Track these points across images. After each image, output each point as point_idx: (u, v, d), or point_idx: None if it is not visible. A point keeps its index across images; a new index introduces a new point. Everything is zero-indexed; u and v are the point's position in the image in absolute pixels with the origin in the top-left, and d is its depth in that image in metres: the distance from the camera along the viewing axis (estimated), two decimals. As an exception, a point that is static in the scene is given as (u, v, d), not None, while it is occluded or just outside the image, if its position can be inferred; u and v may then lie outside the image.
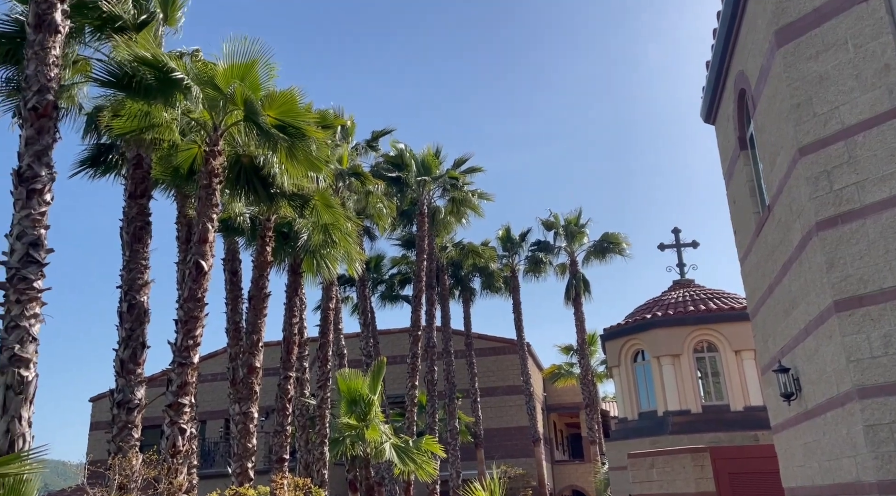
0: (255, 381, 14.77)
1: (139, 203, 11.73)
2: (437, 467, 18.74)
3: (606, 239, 31.15)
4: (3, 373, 8.07)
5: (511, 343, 32.33)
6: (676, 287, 17.61)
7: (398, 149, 26.44)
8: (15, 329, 8.20)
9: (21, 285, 8.32)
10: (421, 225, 25.82)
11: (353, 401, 16.83)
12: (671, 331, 15.75)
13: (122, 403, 10.58)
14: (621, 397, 17.16)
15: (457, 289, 31.99)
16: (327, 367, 19.72)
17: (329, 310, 20.80)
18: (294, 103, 11.73)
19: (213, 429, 31.09)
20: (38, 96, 8.89)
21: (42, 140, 8.85)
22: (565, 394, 36.28)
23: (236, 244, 17.32)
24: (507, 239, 32.32)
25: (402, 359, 28.27)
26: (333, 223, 15.64)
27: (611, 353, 17.28)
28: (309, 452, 18.64)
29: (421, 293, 25.45)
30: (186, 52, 12.72)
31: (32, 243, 8.47)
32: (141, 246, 11.50)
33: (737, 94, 8.39)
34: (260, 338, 15.22)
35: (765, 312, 8.15)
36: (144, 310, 11.23)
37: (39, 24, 9.08)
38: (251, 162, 13.09)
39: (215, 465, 28.02)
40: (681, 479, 11.95)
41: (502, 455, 29.86)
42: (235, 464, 13.91)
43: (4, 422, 7.95)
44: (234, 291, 17.09)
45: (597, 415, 30.14)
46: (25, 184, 8.65)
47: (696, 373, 15.71)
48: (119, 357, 10.94)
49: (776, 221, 7.17)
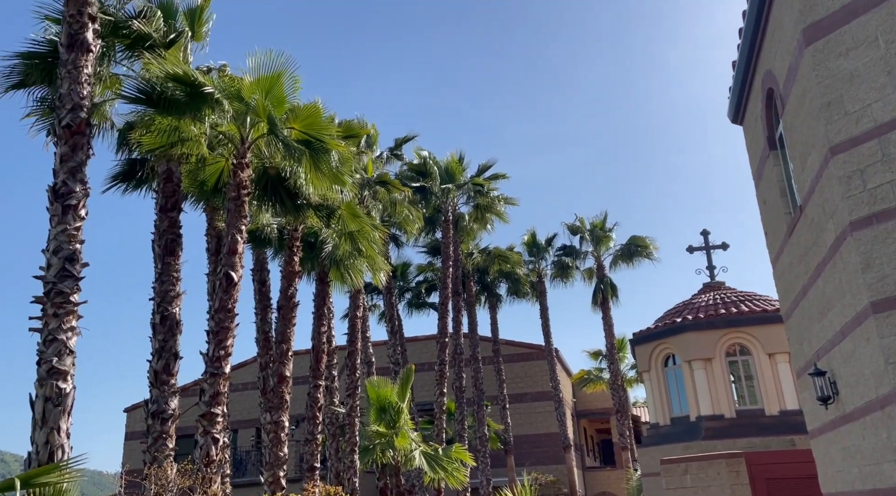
0: (286, 390, 14.89)
1: (170, 216, 11.94)
2: (467, 474, 18.67)
3: (634, 242, 30.86)
4: (42, 385, 8.26)
5: (539, 348, 32.14)
6: (706, 290, 17.36)
7: (421, 156, 26.52)
8: (53, 342, 8.39)
9: (58, 299, 8.52)
10: (446, 232, 25.85)
11: (382, 408, 16.87)
12: (702, 334, 15.52)
13: (157, 414, 10.75)
14: (652, 402, 16.94)
15: (483, 296, 31.92)
16: (356, 375, 19.81)
17: (357, 318, 20.91)
18: (318, 116, 11.87)
19: (245, 437, 31.39)
20: (72, 114, 9.12)
21: (76, 157, 9.07)
22: (595, 399, 35.92)
23: (264, 255, 17.53)
24: (533, 244, 32.18)
25: (429, 367, 28.27)
26: (359, 232, 15.75)
27: (641, 358, 17.09)
28: (339, 460, 18.72)
29: (447, 300, 25.45)
30: (214, 67, 12.96)
31: (68, 258, 8.68)
32: (172, 258, 11.70)
33: (764, 93, 8.27)
34: (289, 348, 15.36)
35: (799, 314, 8.00)
36: (176, 321, 11.41)
37: (72, 43, 9.33)
38: (277, 174, 13.25)
39: (247, 474, 28.28)
40: (716, 485, 11.75)
41: (533, 462, 29.64)
42: (267, 473, 14.03)
43: (44, 433, 8.12)
44: (263, 301, 17.29)
45: (628, 421, 29.79)
46: (61, 200, 8.86)
47: (729, 377, 15.45)
48: (153, 368, 11.12)
49: (808, 222, 7.04)
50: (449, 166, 26.58)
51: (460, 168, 26.88)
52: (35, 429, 8.17)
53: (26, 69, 11.36)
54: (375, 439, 16.64)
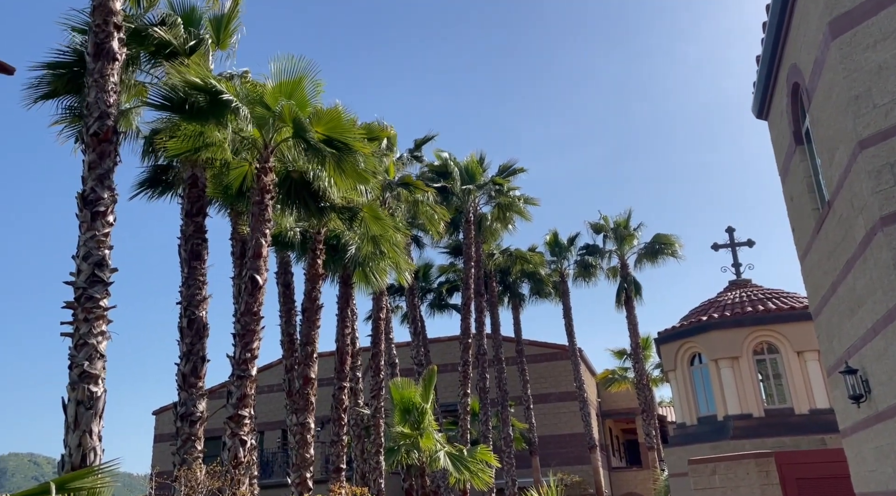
0: (311, 392, 15.00)
1: (195, 221, 12.10)
2: (492, 475, 18.64)
3: (658, 240, 30.58)
4: (74, 389, 8.41)
5: (563, 348, 31.98)
6: (732, 287, 17.13)
7: (442, 158, 26.53)
8: (84, 346, 8.54)
9: (88, 304, 8.67)
10: (468, 233, 25.84)
11: (406, 410, 16.91)
12: (729, 333, 15.32)
13: (185, 416, 10.89)
14: (679, 402, 16.77)
15: (505, 296, 31.84)
16: (380, 377, 19.87)
17: (380, 320, 20.98)
18: (340, 119, 11.95)
19: (271, 439, 31.66)
20: (99, 122, 9.28)
21: (104, 164, 9.23)
22: (620, 399, 35.65)
23: (288, 258, 17.68)
24: (555, 243, 32.02)
25: (453, 368, 28.27)
26: (382, 234, 15.82)
27: (666, 357, 16.92)
28: (365, 462, 18.80)
29: (470, 301, 25.43)
30: (236, 74, 13.11)
31: (97, 263, 8.82)
32: (198, 262, 11.85)
33: (790, 87, 8.15)
34: (314, 350, 15.46)
35: (828, 312, 7.87)
36: (203, 324, 11.55)
37: (98, 52, 9.49)
38: (300, 177, 13.36)
39: (274, 475, 28.53)
40: (745, 486, 11.59)
41: (558, 462, 29.50)
42: (294, 475, 14.14)
43: (76, 436, 8.27)
44: (287, 304, 17.44)
45: (654, 421, 29.52)
46: (89, 206, 9.02)
47: (757, 375, 15.23)
48: (181, 371, 11.27)
49: (837, 218, 6.92)
50: (469, 167, 26.56)
51: (480, 168, 26.84)
52: (68, 432, 8.32)
53: (54, 79, 11.60)
54: (400, 440, 16.68)
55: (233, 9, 12.71)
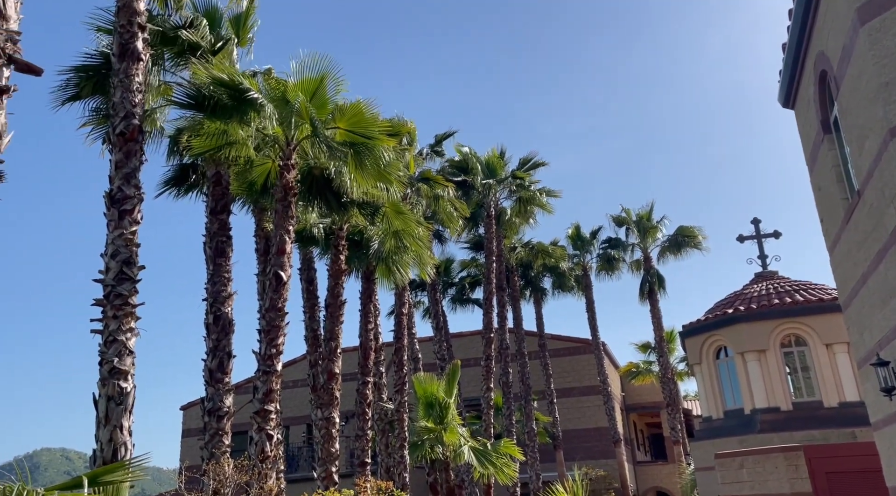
0: (336, 387, 15.11)
1: (220, 218, 12.22)
2: (516, 469, 18.64)
3: (681, 233, 30.27)
4: (105, 384, 8.56)
5: (586, 342, 31.83)
6: (759, 280, 16.91)
7: (462, 152, 26.49)
8: (113, 343, 8.68)
9: (117, 301, 8.81)
10: (489, 227, 25.79)
11: (429, 404, 16.96)
12: (755, 325, 15.13)
13: (213, 411, 11.04)
14: (704, 395, 16.61)
15: (527, 290, 31.75)
16: (403, 372, 19.95)
17: (402, 315, 21.05)
18: (363, 114, 11.98)
19: (296, 434, 31.98)
20: (125, 122, 9.41)
21: (130, 163, 9.36)
22: (644, 393, 35.40)
23: (311, 254, 17.80)
24: (578, 237, 31.85)
25: (475, 362, 28.28)
26: (404, 229, 15.86)
27: (691, 350, 16.76)
28: (389, 456, 18.90)
29: (491, 295, 25.40)
30: (259, 71, 13.20)
31: (125, 261, 8.96)
32: (223, 259, 11.98)
33: (817, 75, 8.01)
34: (338, 345, 15.57)
35: (859, 303, 7.74)
36: (229, 321, 11.68)
37: (123, 52, 9.62)
38: (322, 174, 13.44)
39: (300, 470, 28.80)
40: (773, 480, 11.45)
41: (582, 456, 29.41)
42: (320, 469, 14.27)
43: (107, 431, 8.42)
44: (310, 300, 17.57)
45: (679, 415, 29.27)
46: (117, 205, 9.16)
47: (785, 368, 15.03)
48: (207, 367, 11.42)
49: (868, 207, 6.79)
50: (490, 161, 26.48)
51: (501, 162, 26.76)
52: (99, 427, 8.48)
53: (80, 81, 11.78)
54: (424, 435, 16.74)
55: (249, 4, 12.80)
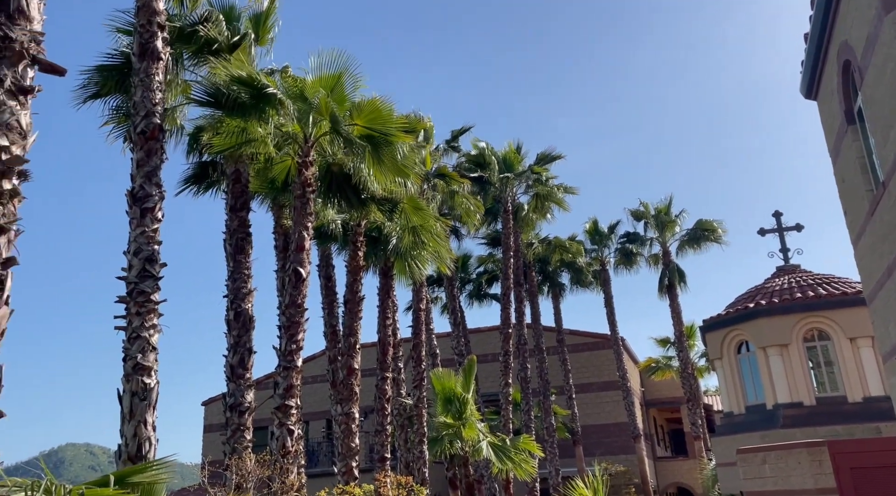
0: (355, 383, 15.19)
1: (239, 216, 12.32)
2: (535, 465, 18.63)
3: (700, 226, 30.00)
4: (129, 380, 8.67)
5: (604, 338, 31.69)
6: (780, 273, 16.71)
7: (479, 148, 26.43)
8: (136, 339, 8.79)
9: (140, 298, 8.91)
10: (506, 222, 25.74)
11: (448, 400, 16.99)
12: (777, 319, 14.97)
13: (234, 406, 11.15)
14: (726, 390, 16.47)
15: (545, 286, 31.68)
16: (421, 367, 20.00)
17: (420, 310, 21.08)
18: (380, 111, 12.00)
19: (316, 429, 32.20)
20: (146, 121, 9.51)
21: (151, 161, 9.45)
22: (664, 388, 35.18)
23: (329, 250, 17.89)
24: (595, 232, 31.70)
25: (493, 358, 28.28)
26: (422, 224, 15.88)
27: (712, 345, 16.62)
28: (409, 451, 18.98)
29: (509, 291, 25.36)
30: (276, 69, 13.27)
31: (148, 258, 9.06)
32: (243, 256, 12.08)
33: (840, 65, 7.89)
34: (357, 341, 15.64)
35: (884, 296, 7.62)
36: (249, 317, 11.78)
37: (143, 52, 9.71)
38: (341, 170, 13.48)
39: (320, 465, 29.01)
40: (796, 475, 11.33)
41: (602, 452, 29.31)
42: (340, 464, 14.36)
43: (132, 426, 8.53)
44: (329, 296, 17.67)
45: (699, 410, 29.07)
46: (139, 203, 9.26)
47: (808, 363, 14.86)
48: (229, 363, 11.53)
49: (893, 199, 6.69)
50: (507, 156, 26.41)
51: (518, 157, 26.68)
52: (124, 423, 8.59)
53: (101, 80, 11.92)
54: (443, 430, 16.78)
55: (270, 4, 12.87)
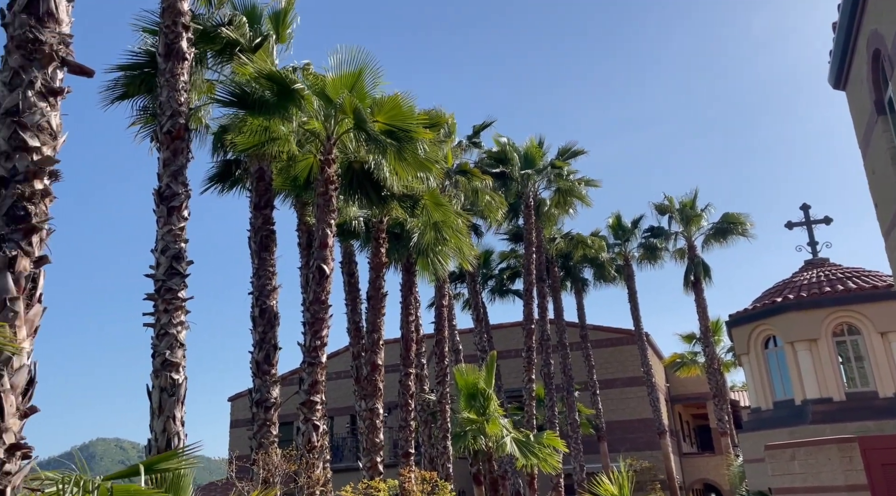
0: (379, 378, 15.27)
1: (263, 213, 12.44)
2: (560, 460, 18.58)
3: (727, 220, 29.61)
4: (158, 376, 8.82)
5: (628, 333, 31.47)
6: (809, 267, 16.44)
7: (500, 143, 26.37)
8: (165, 336, 8.94)
9: (168, 295, 9.06)
10: (528, 218, 25.65)
11: (471, 395, 17.02)
12: (806, 314, 14.72)
13: (260, 402, 11.28)
14: (753, 386, 16.26)
15: (568, 281, 31.53)
16: (444, 363, 20.04)
17: (442, 306, 21.12)
18: (400, 107, 12.03)
19: (341, 424, 32.45)
20: (172, 120, 9.64)
21: (177, 161, 9.59)
22: (690, 384, 34.85)
23: (352, 247, 17.99)
24: (619, 226, 31.46)
25: (516, 353, 28.23)
26: (444, 220, 15.89)
27: (738, 340, 16.41)
28: (432, 446, 19.04)
29: (532, 286, 25.29)
30: (298, 67, 13.36)
31: (175, 256, 9.20)
32: (267, 254, 12.19)
33: (870, 55, 7.73)
34: (380, 337, 15.72)
35: (917, 290, 7.47)
36: (274, 313, 11.90)
37: (168, 52, 9.84)
38: (362, 167, 13.55)
39: (344, 460, 29.25)
40: (826, 472, 11.16)
41: (627, 448, 29.14)
42: (365, 459, 14.46)
43: (161, 421, 8.69)
44: (352, 292, 17.78)
45: (726, 406, 28.74)
46: (165, 202, 9.40)
47: (837, 358, 14.60)
48: (255, 359, 11.66)
49: (926, 189, 6.54)
50: (528, 151, 26.31)
51: (540, 152, 26.56)
52: (153, 418, 8.75)
53: (128, 81, 12.11)
54: (466, 426, 16.82)
55: (288, 2, 12.95)
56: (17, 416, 4.32)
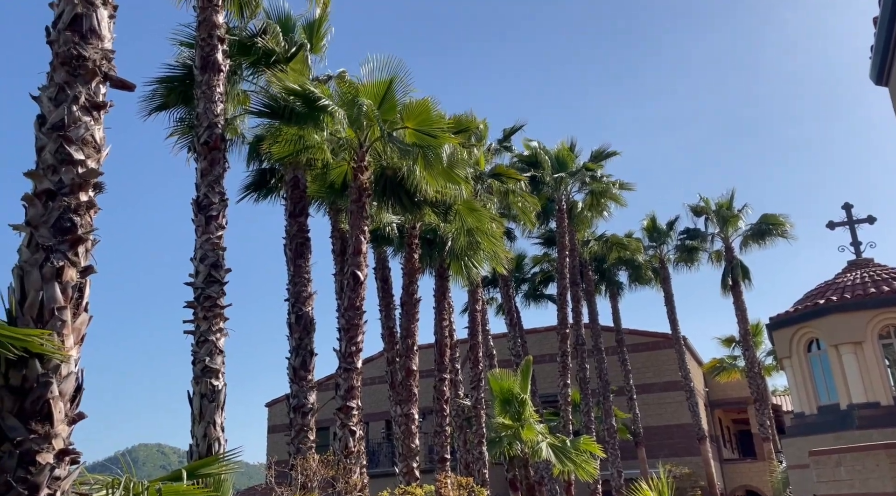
0: (413, 384, 15.31)
1: (298, 221, 12.59)
2: (597, 466, 18.36)
3: (765, 221, 28.99)
4: (198, 383, 8.97)
5: (665, 337, 30.99)
6: (852, 268, 16.01)
7: (531, 147, 26.26)
8: (204, 343, 9.09)
9: (207, 303, 9.22)
10: (560, 221, 25.48)
11: (506, 400, 16.94)
12: (850, 316, 14.33)
13: (298, 408, 11.39)
14: (796, 390, 15.87)
15: (602, 285, 31.20)
16: (479, 368, 19.99)
17: (476, 311, 21.07)
18: (429, 113, 12.07)
19: (376, 430, 32.59)
20: (208, 131, 9.83)
21: (214, 170, 9.77)
22: (729, 388, 34.15)
23: (385, 253, 18.10)
24: (654, 229, 31.05)
25: (551, 358, 28.02)
26: (477, 226, 15.88)
27: (780, 344, 16.05)
28: (468, 452, 18.99)
29: (565, 290, 25.08)
30: (332, 76, 13.51)
31: (213, 264, 9.36)
32: (303, 261, 12.33)
33: (915, 48, 7.51)
34: (414, 342, 15.76)
35: (969, 290, 7.20)
36: (310, 320, 12.01)
37: (204, 65, 10.06)
38: (394, 174, 13.62)
39: (380, 465, 29.36)
40: (875, 478, 10.82)
41: (665, 454, 28.66)
42: (401, 464, 14.49)
43: (202, 427, 8.83)
44: (386, 298, 17.87)
45: (768, 411, 28.08)
46: (203, 211, 9.58)
47: (884, 361, 14.17)
48: (291, 365, 11.79)
49: (977, 186, 6.32)
50: (560, 154, 26.14)
51: (572, 155, 26.36)
52: (194, 424, 8.89)
53: (165, 92, 12.40)
54: (502, 431, 16.73)
55: (322, 12, 13.13)
56: (65, 423, 4.43)
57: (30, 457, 4.19)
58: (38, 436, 4.25)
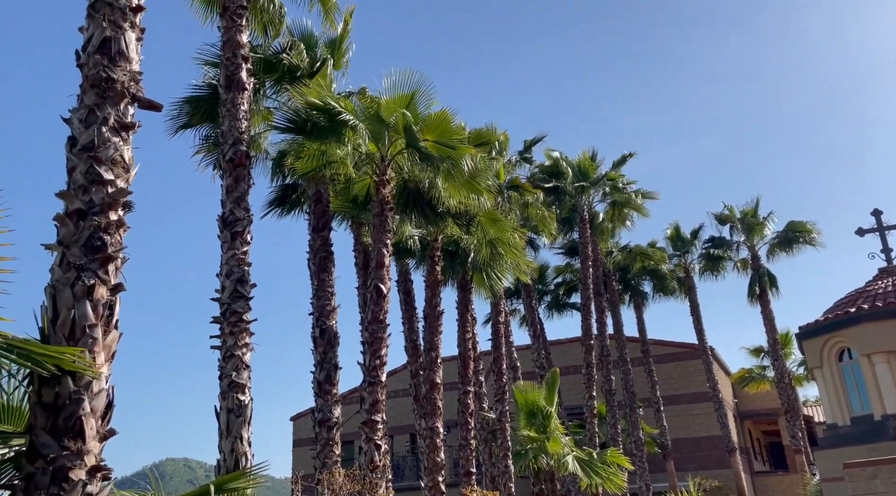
0: (438, 397, 15.27)
1: (321, 235, 12.68)
2: (625, 479, 18.11)
3: (792, 228, 28.55)
4: (225, 397, 9.05)
5: (692, 347, 30.55)
6: (883, 275, 15.65)
7: (552, 157, 26.23)
8: (231, 358, 9.17)
9: (233, 318, 9.31)
10: (583, 232, 25.35)
11: (531, 413, 16.82)
12: (883, 324, 14.00)
13: (323, 422, 11.41)
14: (828, 401, 15.52)
15: (626, 295, 30.92)
16: (503, 381, 19.87)
17: (499, 323, 20.99)
18: (448, 124, 12.13)
19: (400, 443, 32.48)
20: (233, 148, 9.98)
21: (239, 187, 9.90)
22: (759, 399, 33.52)
23: (407, 265, 18.14)
24: (677, 237, 30.73)
25: (575, 370, 27.77)
26: (499, 237, 15.87)
27: (810, 353, 15.72)
28: (493, 465, 18.86)
29: (589, 301, 24.90)
30: (354, 92, 13.66)
31: (239, 280, 9.46)
32: (326, 275, 12.40)
33: (944, 51, 7.36)
34: (438, 355, 15.74)
35: None
36: (334, 333, 12.06)
37: (229, 84, 10.22)
38: (416, 186, 13.68)
39: (405, 479, 29.24)
40: (913, 492, 10.52)
41: (694, 467, 28.16)
42: (427, 478, 14.43)
43: (229, 442, 8.89)
44: (409, 311, 17.89)
45: (799, 422, 27.51)
46: (229, 227, 9.70)
47: (919, 370, 13.81)
48: (316, 379, 11.83)
49: None
50: (581, 164, 26.07)
51: (593, 165, 26.29)
52: (221, 438, 8.96)
53: (191, 110, 12.63)
54: (527, 444, 16.60)
55: (344, 29, 13.30)
56: (97, 439, 4.49)
57: (62, 473, 4.25)
58: (70, 453, 4.31)
